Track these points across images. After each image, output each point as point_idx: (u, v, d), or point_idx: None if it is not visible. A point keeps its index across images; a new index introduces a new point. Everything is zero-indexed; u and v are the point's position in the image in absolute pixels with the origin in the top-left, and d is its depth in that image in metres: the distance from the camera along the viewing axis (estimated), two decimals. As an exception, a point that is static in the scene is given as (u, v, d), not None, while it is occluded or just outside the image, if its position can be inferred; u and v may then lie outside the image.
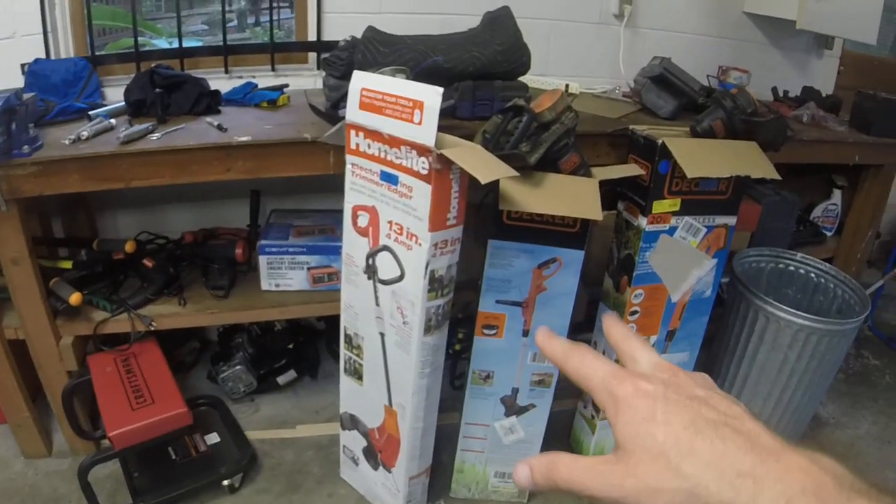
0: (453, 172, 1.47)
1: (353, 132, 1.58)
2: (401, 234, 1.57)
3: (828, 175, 3.13)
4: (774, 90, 2.97)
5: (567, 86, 2.43)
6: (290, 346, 2.52)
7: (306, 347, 2.58)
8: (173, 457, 2.08)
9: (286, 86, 2.26)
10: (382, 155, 1.53)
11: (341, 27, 2.31)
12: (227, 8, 2.34)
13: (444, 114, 1.89)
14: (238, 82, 2.28)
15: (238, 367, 2.39)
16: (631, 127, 1.89)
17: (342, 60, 1.94)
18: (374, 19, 2.12)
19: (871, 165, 2.91)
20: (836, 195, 3.13)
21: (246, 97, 2.17)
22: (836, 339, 2.18)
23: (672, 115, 2.22)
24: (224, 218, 2.51)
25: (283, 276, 2.18)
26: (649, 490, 0.42)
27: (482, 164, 1.43)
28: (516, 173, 1.48)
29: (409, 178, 1.50)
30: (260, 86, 2.25)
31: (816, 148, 2.62)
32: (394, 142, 1.49)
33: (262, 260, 2.15)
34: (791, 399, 2.29)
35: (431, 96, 1.40)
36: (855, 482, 0.40)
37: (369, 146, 1.56)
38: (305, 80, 2.45)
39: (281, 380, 2.50)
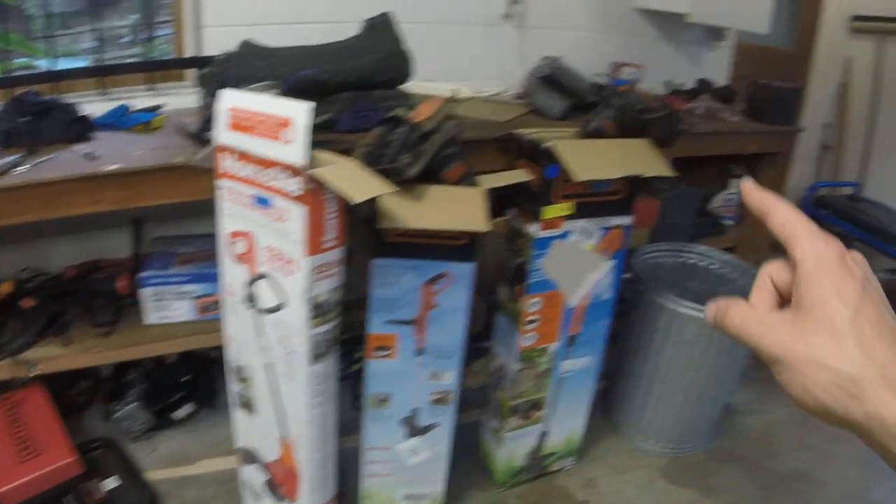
0: (327, 192, 1.39)
1: (222, 154, 1.48)
2: (278, 259, 1.49)
3: (725, 165, 3.14)
4: (668, 84, 2.97)
5: (455, 91, 2.36)
6: (185, 378, 2.40)
7: (202, 378, 2.46)
8: (72, 506, 1.94)
9: (160, 106, 2.13)
10: (254, 177, 1.44)
11: (222, 41, 2.20)
12: (120, 23, 2.20)
13: (323, 128, 1.82)
14: (118, 104, 2.14)
15: (132, 405, 2.25)
16: (518, 131, 1.84)
17: (216, 77, 1.84)
18: (254, 31, 2.02)
19: (768, 153, 2.93)
20: (735, 184, 3.14)
21: (119, 121, 2.04)
22: (740, 331, 2.16)
23: (563, 116, 2.18)
24: (108, 249, 2.36)
25: (169, 307, 2.06)
26: (816, 362, 0.43)
27: (355, 182, 1.36)
28: (393, 189, 1.40)
29: (283, 200, 1.41)
30: (139, 106, 2.12)
31: (712, 140, 2.62)
32: (264, 163, 1.40)
33: (146, 292, 2.02)
34: (702, 393, 2.28)
35: (300, 113, 1.32)
36: None
37: (241, 168, 1.46)
38: (185, 98, 2.32)
39: (178, 414, 2.38)
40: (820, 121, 4.13)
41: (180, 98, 2.31)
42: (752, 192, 0.51)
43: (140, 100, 2.22)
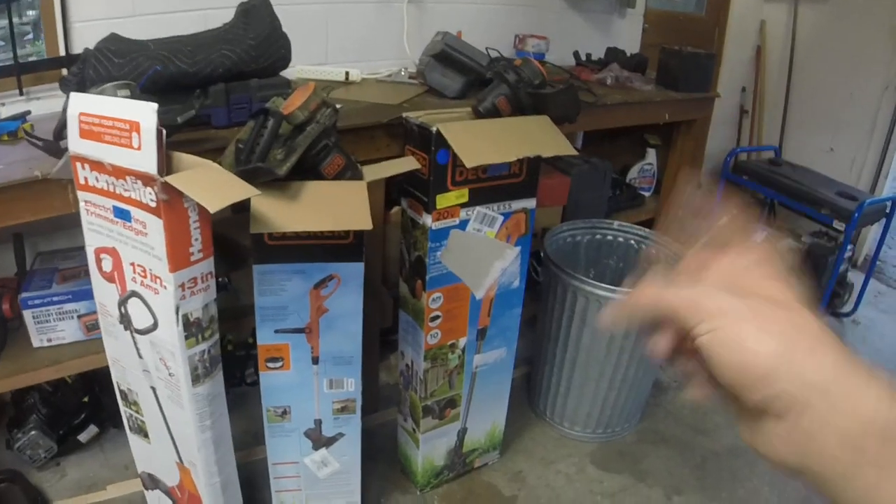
0: (188, 200, 1.26)
1: (79, 164, 1.34)
2: (145, 276, 1.36)
3: (640, 135, 3.07)
4: (576, 54, 2.88)
5: (347, 74, 2.23)
6: (86, 399, 2.25)
7: (103, 396, 2.31)
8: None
9: (28, 113, 1.96)
10: (111, 188, 1.31)
11: (94, 36, 2.03)
12: (20, 20, 2.01)
13: (196, 124, 1.68)
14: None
15: (33, 433, 2.10)
16: (406, 114, 1.71)
17: (75, 78, 1.68)
18: (127, 24, 1.87)
19: (684, 121, 2.87)
20: (651, 154, 3.08)
21: (-17, 131, 1.86)
22: (661, 310, 2.09)
23: (460, 95, 2.08)
24: (-8, 268, 2.19)
25: (54, 328, 1.91)
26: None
27: (215, 188, 1.23)
28: (255, 192, 1.27)
29: (141, 212, 1.28)
30: (8, 113, 1.95)
31: (623, 110, 2.54)
32: (118, 172, 1.27)
33: (27, 315, 1.86)
34: (626, 376, 2.20)
35: (145, 114, 1.19)
36: None
37: (97, 179, 1.32)
38: (58, 102, 2.15)
39: (83, 437, 2.23)
40: (737, 86, 4.11)
41: (53, 102, 2.14)
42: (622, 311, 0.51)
43: (11, 106, 2.05)
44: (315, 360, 1.63)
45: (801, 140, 4.05)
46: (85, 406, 2.24)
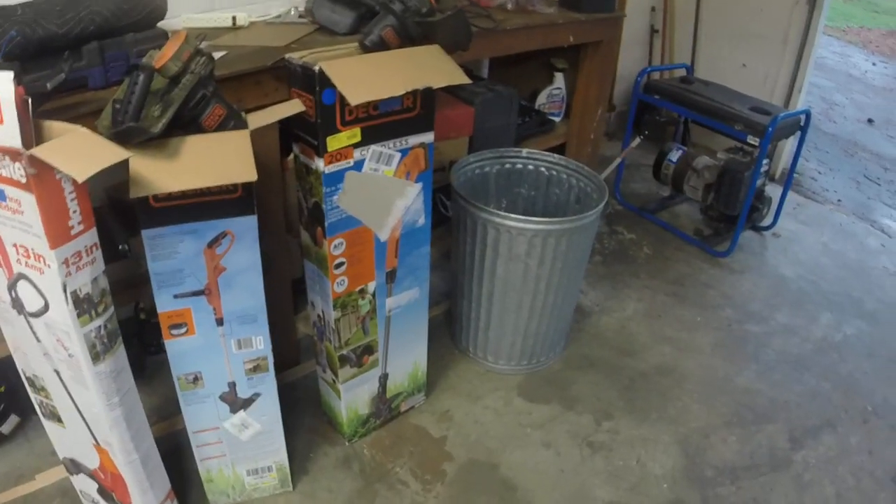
0: (59, 171, 1.18)
1: (-54, 147, 1.25)
2: (28, 257, 1.29)
3: (547, 60, 3.03)
4: (474, -19, 2.80)
5: (234, 18, 2.12)
6: (2, 389, 2.15)
7: (20, 384, 2.21)
8: None
9: None
10: (-20, 169, 1.23)
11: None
12: None
13: (71, 88, 1.58)
14: None
15: (-49, 431, 2.02)
16: (288, 55, 1.63)
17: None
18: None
19: (591, 43, 2.83)
20: (559, 78, 3.05)
21: None
22: (575, 236, 2.08)
23: (351, 30, 2.00)
24: None
25: (-49, 319, 1.82)
26: None
27: (84, 155, 1.16)
28: (126, 154, 1.20)
29: (14, 189, 1.21)
30: None
31: (525, 35, 2.48)
32: (-16, 150, 1.19)
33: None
34: (545, 304, 2.19)
35: (2, 85, 1.11)
36: None
37: (-34, 161, 1.24)
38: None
39: (5, 428, 2.14)
40: (646, 5, 4.08)
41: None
42: None
43: None
44: (220, 322, 1.58)
45: (713, 57, 4.06)
46: (2, 396, 2.15)
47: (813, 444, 2.19)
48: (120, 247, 1.90)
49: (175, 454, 1.92)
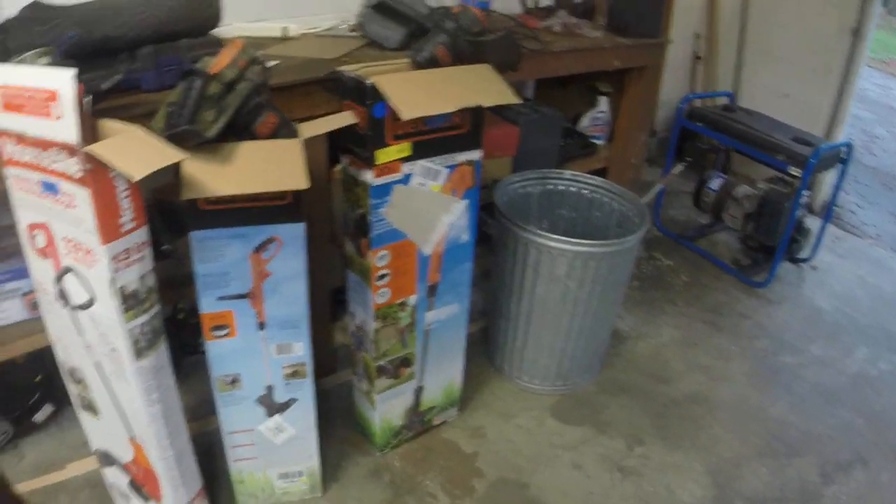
0: (115, 170, 1.21)
1: (3, 139, 1.29)
2: (78, 251, 1.32)
3: (591, 83, 3.04)
4: (523, 2, 2.83)
5: (284, 29, 2.16)
6: (39, 379, 2.20)
7: (56, 374, 2.25)
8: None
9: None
10: (37, 161, 1.27)
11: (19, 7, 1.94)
12: None
13: (125, 89, 1.62)
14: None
15: (-13, 417, 2.06)
16: (341, 68, 1.66)
17: (-1, 48, 1.60)
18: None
19: (635, 68, 2.84)
20: (603, 102, 3.05)
21: None
22: (616, 259, 2.08)
23: (401, 46, 2.02)
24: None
25: (-3, 309, 1.86)
26: None
27: (139, 154, 1.19)
28: (182, 156, 1.23)
29: (68, 184, 1.24)
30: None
31: (572, 58, 2.50)
32: (41, 144, 1.23)
33: (-33, 297, 1.82)
34: (582, 326, 2.19)
35: (64, 82, 1.14)
36: None
37: (23, 152, 1.28)
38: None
39: (39, 417, 2.18)
40: (690, 31, 4.07)
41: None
42: None
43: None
44: (261, 326, 1.60)
45: (755, 85, 4.04)
46: (38, 385, 2.19)
47: (844, 479, 2.16)
48: (163, 247, 1.93)
49: (206, 454, 1.94)
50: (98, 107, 1.48)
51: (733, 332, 2.82)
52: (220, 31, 1.82)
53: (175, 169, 1.31)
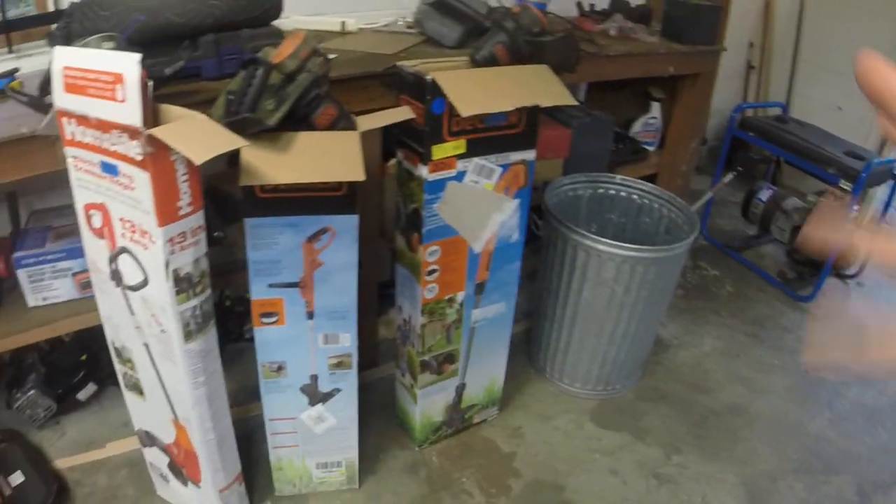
0: (175, 153, 1.24)
1: (65, 120, 1.32)
2: (134, 232, 1.34)
3: (644, 88, 3.02)
4: (579, 5, 2.82)
5: (343, 23, 2.18)
6: (84, 357, 2.23)
7: (101, 354, 2.29)
8: (-22, 508, 1.80)
9: (16, 70, 1.91)
10: (98, 143, 1.29)
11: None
12: None
13: (186, 76, 1.64)
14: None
15: (32, 392, 2.09)
16: (400, 63, 1.66)
17: (61, 32, 1.63)
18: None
19: (689, 75, 2.82)
20: (655, 108, 3.03)
21: (-30, 90, 1.82)
22: (664, 266, 2.06)
23: (458, 43, 2.03)
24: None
25: (49, 287, 1.90)
26: None
27: (201, 140, 1.21)
28: (243, 143, 1.24)
29: (128, 166, 1.26)
30: (-1, 71, 1.90)
31: (626, 62, 2.49)
32: (103, 126, 1.25)
33: (22, 274, 1.85)
34: (626, 332, 2.17)
35: (129, 66, 1.16)
36: None
37: (84, 134, 1.30)
38: (48, 59, 2.10)
39: (82, 395, 2.22)
40: (744, 40, 4.03)
41: (43, 59, 2.09)
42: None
43: (2, 63, 2.00)
44: (310, 315, 1.61)
45: (808, 97, 3.98)
46: (83, 364, 2.23)
47: (882, 500, 2.12)
48: (214, 234, 1.96)
49: (244, 441, 1.96)
50: (158, 92, 1.50)
51: (776, 345, 2.78)
52: (280, 23, 1.83)
53: (227, 157, 1.32)
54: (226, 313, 2.34)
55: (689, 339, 2.73)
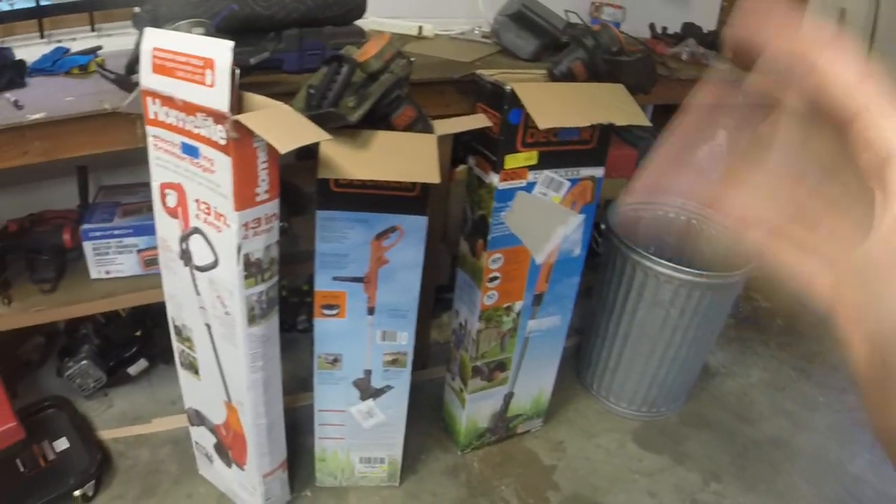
0: (258, 140, 1.27)
1: (149, 99, 1.36)
2: (209, 214, 1.38)
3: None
4: (652, 27, 2.81)
5: (420, 28, 2.21)
6: (138, 333, 2.28)
7: (155, 332, 2.35)
8: (21, 469, 1.85)
9: (99, 48, 1.97)
10: (181, 124, 1.32)
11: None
12: None
13: (267, 67, 1.67)
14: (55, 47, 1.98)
15: (84, 362, 2.14)
16: (479, 72, 1.69)
17: (148, 14, 1.68)
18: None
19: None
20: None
21: (56, 64, 1.87)
22: (720, 293, 2.06)
23: (534, 57, 2.04)
24: (53, 200, 2.21)
25: (113, 261, 1.94)
26: None
27: (285, 129, 1.23)
28: (327, 136, 1.27)
29: (210, 149, 1.29)
30: (80, 48, 1.96)
31: (696, 87, 2.47)
32: (189, 108, 1.28)
33: (87, 246, 1.89)
34: (676, 355, 2.17)
35: (222, 52, 1.19)
36: None
37: (167, 114, 1.34)
38: (129, 39, 2.16)
39: (132, 370, 2.27)
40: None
41: (124, 39, 2.15)
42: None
43: (83, 41, 2.06)
44: (371, 311, 1.64)
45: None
46: (137, 340, 2.28)
47: (917, 547, 2.10)
48: (280, 224, 1.99)
49: (290, 430, 1.99)
50: (242, 80, 1.54)
51: (823, 382, 2.74)
52: (360, 23, 1.86)
53: (297, 151, 1.35)
54: (281, 303, 2.37)
55: (736, 369, 2.71)
